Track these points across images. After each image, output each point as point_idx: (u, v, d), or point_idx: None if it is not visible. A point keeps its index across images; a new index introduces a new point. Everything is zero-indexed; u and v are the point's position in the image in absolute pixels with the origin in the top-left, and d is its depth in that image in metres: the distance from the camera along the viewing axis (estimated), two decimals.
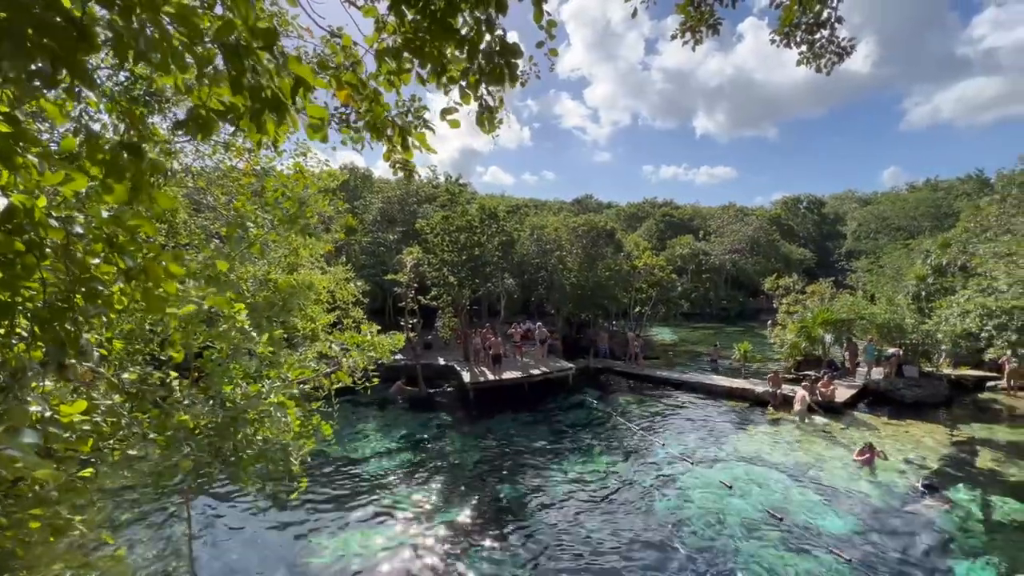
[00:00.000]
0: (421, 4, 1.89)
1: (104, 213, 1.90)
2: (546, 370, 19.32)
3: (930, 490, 10.07)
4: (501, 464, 12.56)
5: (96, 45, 1.53)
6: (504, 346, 20.24)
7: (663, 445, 13.32)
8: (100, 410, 2.62)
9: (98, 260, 2.02)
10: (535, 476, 11.73)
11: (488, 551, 8.72)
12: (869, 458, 11.54)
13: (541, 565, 8.27)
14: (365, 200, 29.58)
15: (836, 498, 10.20)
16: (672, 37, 4.48)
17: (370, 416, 16.65)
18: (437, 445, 14.09)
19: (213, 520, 9.88)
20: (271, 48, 1.46)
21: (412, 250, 20.58)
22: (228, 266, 3.35)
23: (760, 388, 17.26)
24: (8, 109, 1.59)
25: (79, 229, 1.84)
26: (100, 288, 2.00)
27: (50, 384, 2.47)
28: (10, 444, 1.57)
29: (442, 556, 8.60)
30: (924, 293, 20.92)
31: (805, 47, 4.47)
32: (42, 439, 1.85)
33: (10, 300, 1.83)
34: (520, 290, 26.92)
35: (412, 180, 2.73)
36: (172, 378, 3.49)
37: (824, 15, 4.29)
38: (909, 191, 56.53)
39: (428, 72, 2.09)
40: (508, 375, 18.50)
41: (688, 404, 17.41)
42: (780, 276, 28.14)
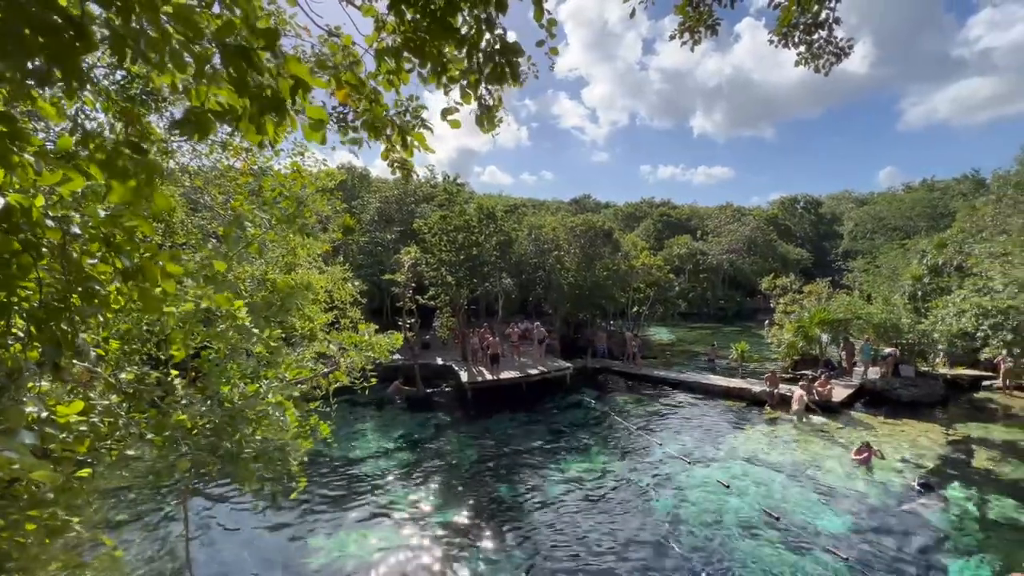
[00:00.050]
0: (421, 3, 1.88)
1: (101, 213, 1.89)
2: (544, 370, 19.32)
3: (926, 489, 10.12)
4: (499, 464, 12.56)
5: (94, 44, 1.52)
6: (502, 346, 20.23)
7: (660, 445, 13.34)
8: (97, 410, 2.61)
9: (95, 260, 2.01)
10: (533, 476, 11.73)
11: (485, 551, 8.72)
12: (866, 457, 11.58)
13: (538, 565, 8.27)
14: (363, 200, 29.52)
15: (833, 497, 10.24)
16: (670, 37, 4.48)
17: (368, 416, 16.62)
18: (435, 445, 14.09)
19: (210, 520, 9.85)
20: (272, 48, 1.45)
21: (410, 250, 20.56)
22: (226, 267, 3.33)
23: (757, 388, 17.30)
24: (4, 108, 1.58)
25: (76, 229, 1.83)
26: (97, 288, 1.99)
27: (46, 384, 2.46)
28: (7, 445, 1.55)
29: (439, 556, 8.59)
30: (920, 293, 21.01)
31: (803, 47, 4.48)
32: (39, 440, 1.84)
33: (6, 300, 1.81)
34: (518, 290, 26.91)
35: (410, 179, 2.72)
36: (173, 376, 3.48)
37: (822, 16, 4.30)
38: (905, 191, 56.72)
39: (428, 72, 2.09)
40: (506, 375, 18.49)
41: (685, 404, 17.44)
42: (777, 276, 28.19)
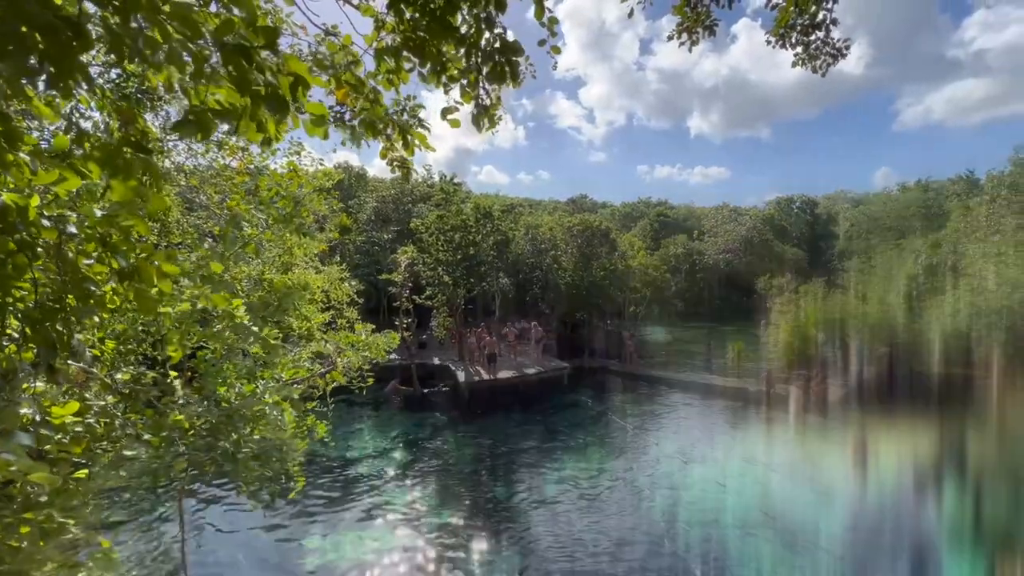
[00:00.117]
0: (420, 2, 1.87)
1: (98, 212, 1.87)
2: (541, 369, 19.33)
3: (920, 487, 10.18)
4: (495, 463, 12.55)
5: (90, 43, 1.51)
6: (499, 346, 20.23)
7: (657, 444, 13.37)
8: (93, 411, 2.59)
9: (91, 260, 1.99)
10: (529, 475, 11.74)
11: (482, 551, 8.72)
12: (862, 456, 11.64)
13: (535, 564, 8.27)
14: (359, 199, 29.43)
15: (829, 495, 10.28)
16: (668, 38, 4.48)
17: (365, 416, 16.59)
18: (431, 444, 14.07)
19: (206, 520, 9.81)
20: (273, 47, 1.44)
21: (407, 249, 20.51)
22: (223, 267, 3.32)
23: (753, 387, 17.36)
24: None
25: (72, 228, 1.81)
26: (92, 289, 1.97)
27: (41, 385, 2.44)
28: (3, 447, 1.54)
29: (436, 557, 8.58)
30: (915, 293, 21.10)
31: (800, 48, 4.48)
32: (35, 441, 1.82)
33: (1, 301, 1.80)
34: (515, 289, 26.88)
35: (410, 177, 2.71)
36: (173, 377, 3.45)
37: (819, 17, 4.30)
38: (901, 192, 56.85)
39: (428, 71, 2.08)
40: (503, 375, 18.49)
41: (682, 403, 17.49)
42: (773, 276, 28.29)
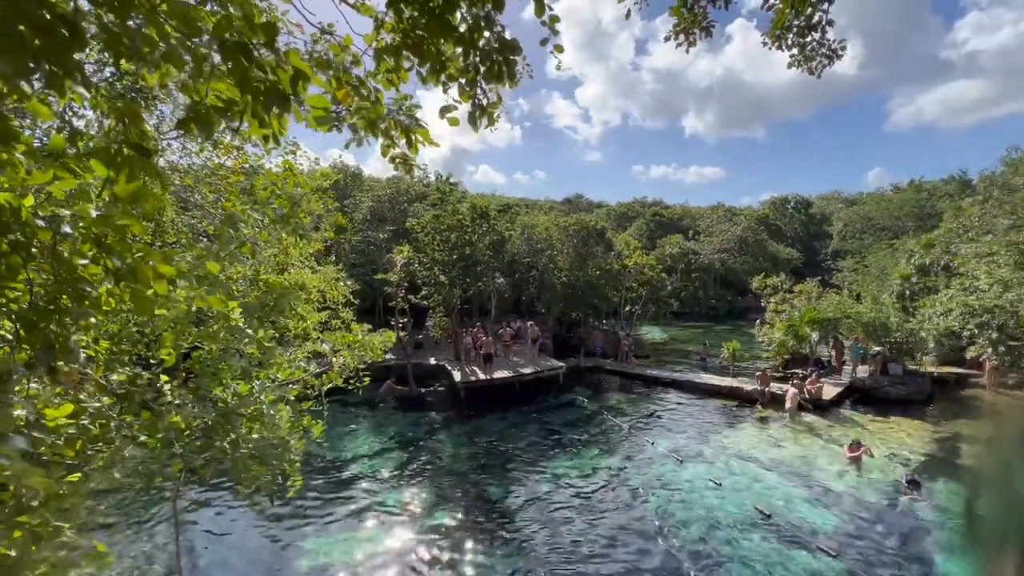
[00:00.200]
0: (419, 0, 1.87)
1: (93, 212, 1.85)
2: (537, 369, 19.34)
3: (914, 485, 10.25)
4: (491, 463, 12.55)
5: (85, 41, 1.49)
6: (495, 345, 20.23)
7: (652, 443, 13.41)
8: (88, 412, 2.56)
9: (86, 261, 1.97)
10: (525, 475, 11.74)
11: (478, 551, 8.71)
12: (858, 455, 11.72)
13: (531, 564, 8.28)
14: (355, 199, 29.31)
15: (823, 494, 10.35)
16: (665, 39, 4.50)
17: (360, 416, 16.54)
18: (427, 445, 14.05)
19: (200, 522, 9.75)
20: (272, 44, 1.43)
21: (402, 249, 20.44)
22: (219, 268, 3.30)
23: (748, 386, 17.43)
24: None
25: (67, 229, 1.79)
26: (88, 290, 1.95)
27: (35, 387, 2.41)
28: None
29: (432, 557, 8.58)
30: (908, 292, 21.30)
31: (796, 50, 4.51)
32: (29, 444, 1.80)
33: None
34: (511, 289, 26.87)
35: (413, 174, 2.71)
36: (164, 382, 3.42)
37: (815, 18, 4.33)
38: (894, 192, 57.27)
39: (427, 70, 2.07)
40: (499, 374, 18.49)
41: (677, 402, 17.54)
42: (768, 275, 28.41)
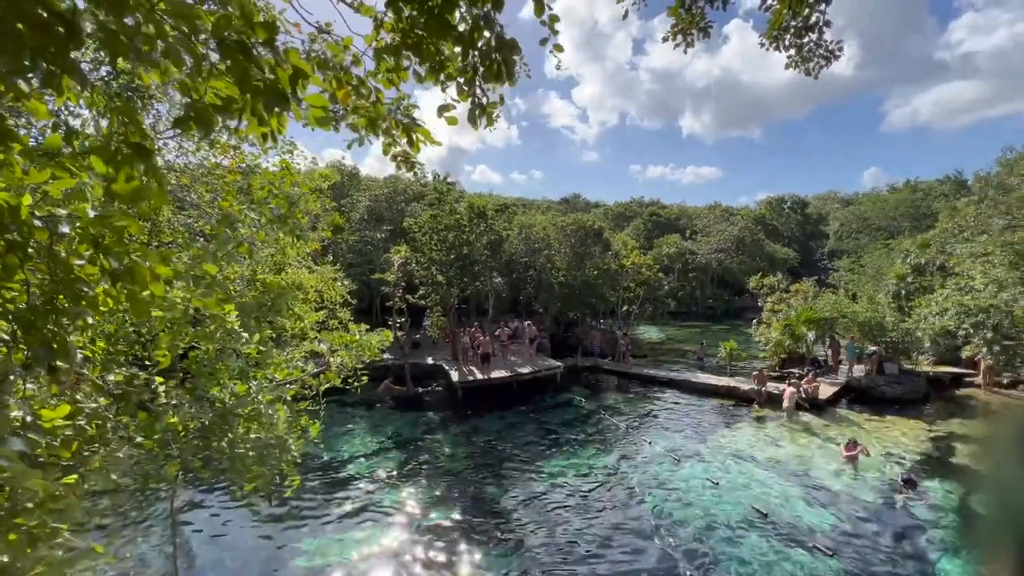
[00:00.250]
0: (418, 0, 1.87)
1: (91, 212, 1.84)
2: (534, 369, 19.34)
3: (909, 484, 10.31)
4: (488, 463, 12.55)
5: (82, 40, 1.48)
6: (493, 345, 20.22)
7: (650, 443, 13.43)
8: (85, 413, 2.55)
9: (82, 261, 1.96)
10: (523, 475, 11.75)
11: (474, 551, 8.71)
12: (854, 454, 11.76)
13: (528, 564, 8.28)
14: (352, 198, 29.24)
15: (820, 493, 10.39)
16: (663, 40, 4.50)
17: (357, 416, 16.51)
18: (425, 444, 14.04)
19: (197, 521, 9.72)
20: (272, 43, 1.42)
21: (400, 249, 20.41)
22: (217, 268, 3.28)
23: (745, 386, 17.48)
24: None
25: (64, 228, 1.78)
26: (85, 290, 1.94)
27: (32, 388, 2.40)
28: None
29: (429, 557, 8.57)
30: (904, 292, 21.41)
31: (794, 51, 4.52)
32: (27, 445, 1.79)
33: None
34: (508, 289, 26.88)
35: (417, 172, 2.70)
36: (159, 383, 3.40)
37: (812, 19, 4.34)
38: (889, 192, 57.54)
39: (426, 70, 2.07)
40: (496, 374, 18.49)
41: (675, 402, 17.58)
42: (765, 275, 28.49)
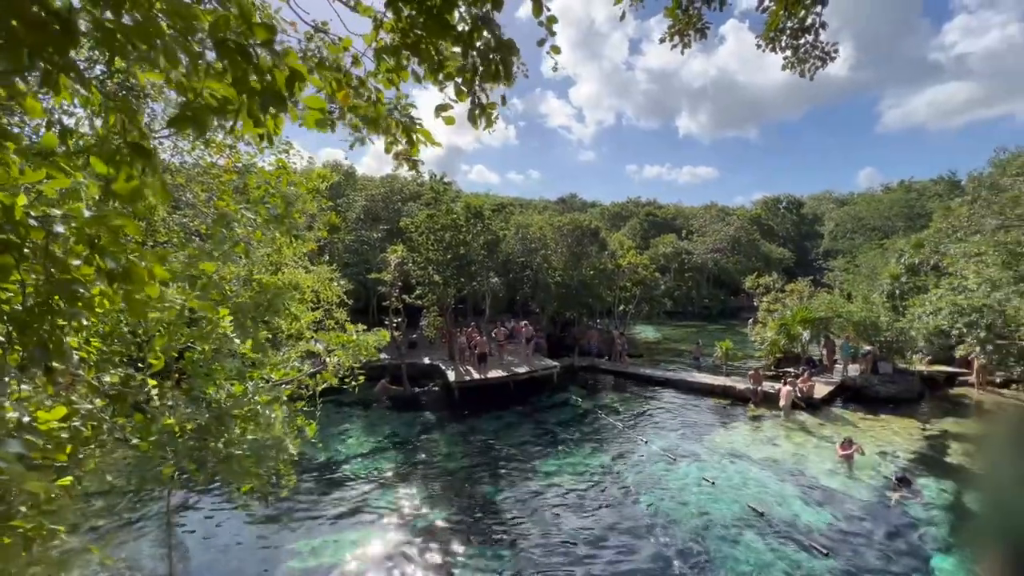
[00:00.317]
0: (417, 0, 1.86)
1: (87, 212, 1.83)
2: (531, 369, 19.35)
3: (903, 483, 10.37)
4: (485, 463, 12.55)
5: (78, 39, 1.47)
6: (489, 345, 20.21)
7: (646, 442, 13.46)
8: (80, 414, 2.53)
9: (79, 262, 1.94)
10: (519, 474, 11.75)
11: (470, 551, 8.71)
12: (850, 453, 11.82)
13: (524, 563, 8.29)
14: (348, 198, 29.16)
15: (815, 492, 10.44)
16: (660, 41, 4.51)
17: (354, 416, 16.48)
18: (422, 445, 14.02)
19: (192, 521, 9.68)
20: (271, 44, 1.42)
21: (396, 248, 20.37)
22: (215, 268, 3.27)
23: (741, 385, 17.54)
24: None
25: (60, 228, 1.77)
26: (81, 291, 1.93)
27: (27, 389, 2.38)
28: None
29: (426, 557, 8.56)
30: (898, 292, 21.56)
31: (790, 52, 4.53)
32: (24, 447, 1.78)
33: None
34: (505, 289, 26.86)
35: (418, 171, 2.70)
36: (152, 386, 3.38)
37: (808, 20, 4.36)
38: (884, 192, 57.89)
39: (425, 69, 2.07)
40: (493, 374, 18.49)
41: (671, 401, 17.63)
42: (760, 275, 28.56)
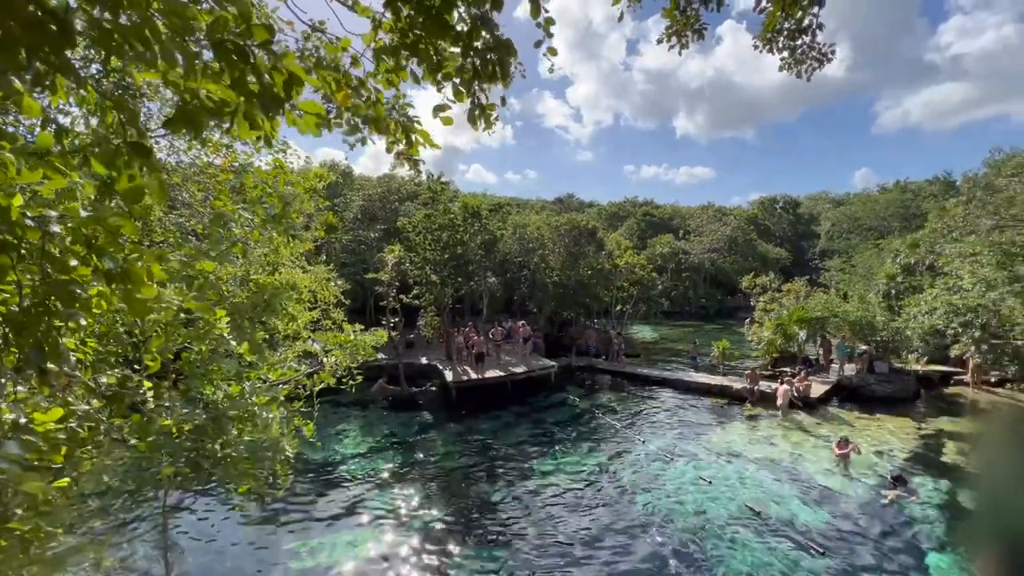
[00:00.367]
0: (416, 0, 1.86)
1: (83, 213, 1.82)
2: (528, 369, 19.36)
3: (899, 482, 10.41)
4: (482, 463, 12.55)
5: (75, 39, 1.46)
6: (487, 345, 20.21)
7: (643, 441, 13.48)
8: (77, 415, 2.52)
9: (75, 262, 1.93)
10: (517, 474, 11.75)
11: (467, 551, 8.71)
12: (846, 452, 11.86)
13: (521, 562, 8.29)
14: (345, 197, 29.09)
15: (811, 491, 10.48)
16: (658, 42, 4.51)
17: (351, 416, 16.45)
18: (419, 444, 14.01)
19: (188, 522, 9.65)
20: (269, 45, 1.42)
21: (394, 248, 20.34)
22: (213, 266, 3.26)
23: (738, 385, 17.59)
24: None
25: (56, 228, 1.76)
26: (78, 292, 1.92)
27: (23, 391, 2.37)
28: None
29: (423, 557, 8.55)
30: (894, 291, 21.67)
31: (787, 53, 4.55)
32: (21, 449, 1.76)
33: None
34: (503, 289, 26.86)
35: (419, 170, 2.70)
36: (149, 387, 3.36)
37: (806, 21, 4.37)
38: (880, 192, 58.14)
39: (424, 70, 2.07)
40: (491, 374, 18.49)
41: (668, 401, 17.66)
42: (757, 275, 28.71)
